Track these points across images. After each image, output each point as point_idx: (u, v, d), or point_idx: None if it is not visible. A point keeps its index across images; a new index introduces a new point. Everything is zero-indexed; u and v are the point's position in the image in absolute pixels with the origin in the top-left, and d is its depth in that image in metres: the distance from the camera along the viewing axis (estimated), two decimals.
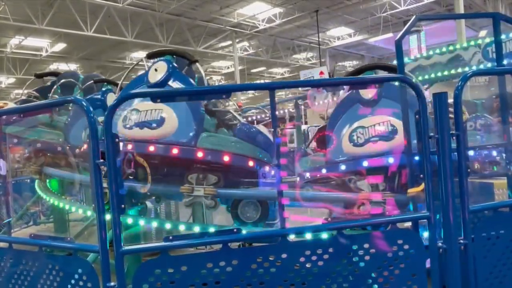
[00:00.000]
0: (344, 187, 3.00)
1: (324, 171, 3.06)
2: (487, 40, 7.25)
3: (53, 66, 19.66)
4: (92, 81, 4.65)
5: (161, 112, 2.96)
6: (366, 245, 1.97)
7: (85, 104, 1.87)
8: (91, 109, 1.87)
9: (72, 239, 2.10)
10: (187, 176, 3.07)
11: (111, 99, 4.19)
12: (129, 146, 2.95)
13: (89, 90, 4.61)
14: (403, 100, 2.44)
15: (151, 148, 2.92)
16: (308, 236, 2.20)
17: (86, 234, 4.23)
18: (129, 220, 3.23)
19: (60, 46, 17.57)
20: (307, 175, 3.26)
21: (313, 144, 3.77)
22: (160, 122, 2.93)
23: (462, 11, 12.65)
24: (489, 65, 6.97)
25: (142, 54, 20.47)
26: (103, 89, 4.55)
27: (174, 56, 3.33)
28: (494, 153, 3.28)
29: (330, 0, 15.06)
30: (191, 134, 2.97)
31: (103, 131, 1.81)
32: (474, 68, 6.88)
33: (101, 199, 1.82)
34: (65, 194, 4.62)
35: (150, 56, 3.45)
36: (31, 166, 4.27)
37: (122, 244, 1.82)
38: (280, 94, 24.15)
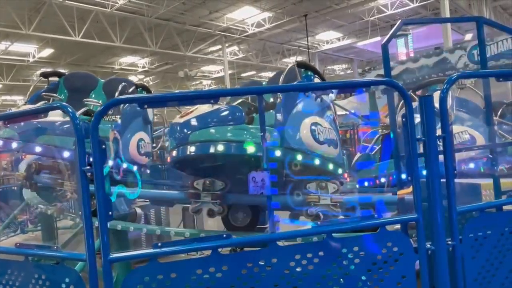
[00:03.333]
0: None
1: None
2: (473, 43, 7.40)
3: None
4: (134, 87, 4.27)
5: (331, 131, 3.04)
6: (356, 248, 1.98)
7: (70, 110, 1.85)
8: (77, 115, 1.85)
9: (59, 248, 2.07)
10: (305, 184, 3.02)
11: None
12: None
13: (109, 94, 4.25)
14: (390, 103, 2.46)
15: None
16: (298, 239, 2.21)
17: (75, 242, 4.17)
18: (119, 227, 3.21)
19: (47, 52, 17.36)
20: (383, 180, 3.36)
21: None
22: (337, 142, 3.08)
23: (448, 15, 12.84)
24: (474, 67, 7.11)
25: (131, 59, 20.38)
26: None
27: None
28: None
29: (318, 5, 15.18)
30: (343, 156, 3.18)
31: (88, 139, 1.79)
32: (460, 71, 7.01)
33: (88, 206, 1.79)
34: (53, 202, 4.55)
35: (300, 65, 3.56)
36: (69, 184, 3.68)
37: (109, 251, 1.79)
38: None
